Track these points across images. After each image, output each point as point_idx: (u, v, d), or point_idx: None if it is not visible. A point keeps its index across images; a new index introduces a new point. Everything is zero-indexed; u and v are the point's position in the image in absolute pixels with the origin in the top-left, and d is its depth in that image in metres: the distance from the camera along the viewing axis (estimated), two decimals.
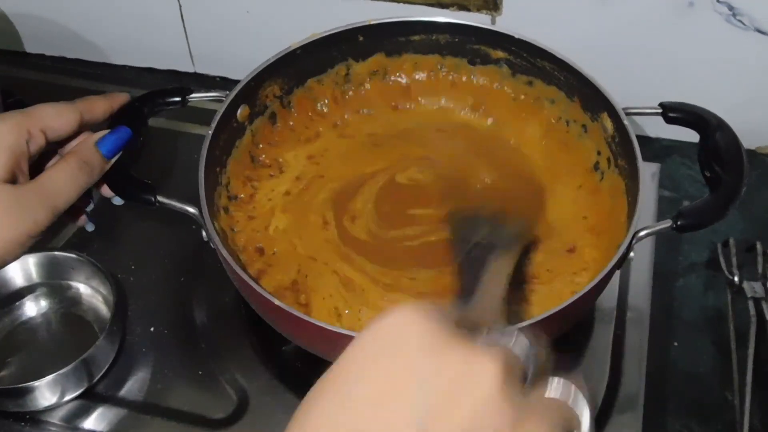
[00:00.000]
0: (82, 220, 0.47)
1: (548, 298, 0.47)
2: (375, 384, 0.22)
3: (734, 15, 0.55)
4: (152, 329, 0.53)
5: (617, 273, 0.47)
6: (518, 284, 0.48)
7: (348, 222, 0.51)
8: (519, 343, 0.24)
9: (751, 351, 0.49)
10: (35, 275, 0.53)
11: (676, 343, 0.53)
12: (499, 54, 0.56)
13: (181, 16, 0.66)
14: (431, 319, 0.23)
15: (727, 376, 0.50)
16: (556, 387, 0.24)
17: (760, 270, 0.54)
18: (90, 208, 0.47)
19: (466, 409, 0.21)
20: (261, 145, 0.55)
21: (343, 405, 0.22)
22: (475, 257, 0.40)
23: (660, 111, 0.50)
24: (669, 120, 0.50)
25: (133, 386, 0.50)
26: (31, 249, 0.42)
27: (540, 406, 0.23)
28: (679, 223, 0.44)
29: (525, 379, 0.24)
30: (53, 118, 0.42)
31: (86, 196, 0.44)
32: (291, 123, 0.57)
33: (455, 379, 0.22)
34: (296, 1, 0.62)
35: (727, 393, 0.50)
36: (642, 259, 0.55)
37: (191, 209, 0.46)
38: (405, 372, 0.22)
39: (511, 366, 0.23)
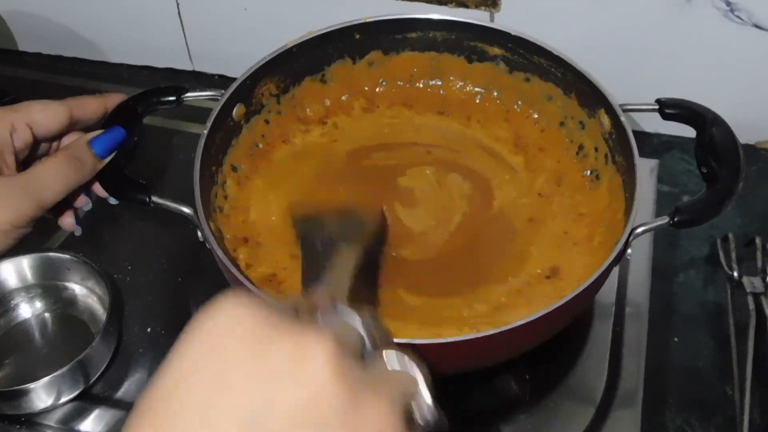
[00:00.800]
0: (69, 224, 0.46)
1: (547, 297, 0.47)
2: (199, 393, 0.21)
3: (732, 10, 0.55)
4: (149, 330, 0.53)
5: (615, 269, 0.47)
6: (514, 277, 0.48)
7: None
8: (352, 319, 0.24)
9: (750, 346, 0.49)
10: (30, 276, 0.53)
11: (675, 339, 0.52)
12: (496, 51, 0.56)
13: (179, 14, 0.65)
14: (253, 310, 0.22)
15: (726, 371, 0.50)
16: (392, 359, 0.24)
17: (759, 265, 0.54)
18: (89, 207, 0.46)
19: (299, 396, 0.20)
20: (260, 145, 0.55)
21: (171, 425, 0.21)
22: (319, 250, 0.41)
23: (657, 107, 0.50)
24: (666, 116, 0.50)
25: (130, 387, 0.50)
26: (24, 250, 0.41)
27: (380, 379, 0.23)
28: (676, 219, 0.44)
29: (363, 354, 0.24)
30: (39, 113, 0.42)
31: (82, 196, 0.44)
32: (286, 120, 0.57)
33: (284, 367, 0.21)
34: None
35: (727, 388, 0.49)
36: (641, 254, 0.54)
37: (186, 209, 0.45)
38: (229, 371, 0.21)
39: (344, 344, 0.22)
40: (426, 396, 0.24)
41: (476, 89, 0.58)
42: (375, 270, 0.47)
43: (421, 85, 0.59)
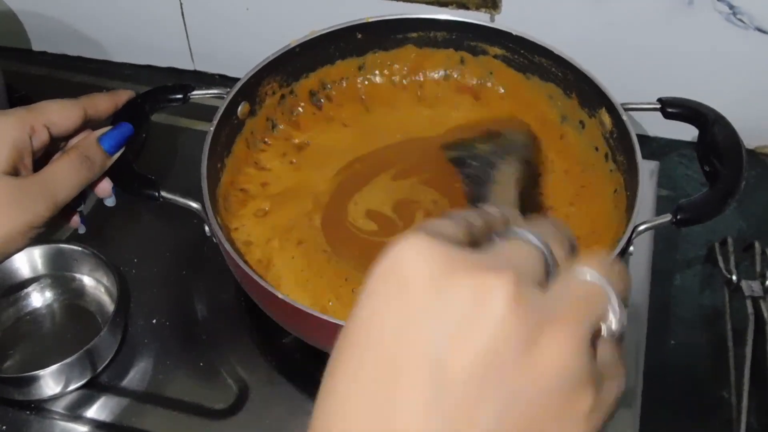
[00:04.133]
0: (75, 222, 0.47)
1: None
2: (388, 338, 0.21)
3: (734, 14, 0.55)
4: (154, 321, 0.54)
5: None
6: None
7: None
8: (531, 238, 0.22)
9: (748, 350, 0.49)
10: (41, 266, 0.54)
11: (673, 342, 0.53)
12: (497, 51, 0.56)
13: (182, 13, 0.66)
14: (434, 244, 0.21)
15: (724, 375, 0.50)
16: (580, 274, 0.22)
17: (758, 269, 0.54)
18: (81, 208, 0.47)
19: (482, 335, 0.20)
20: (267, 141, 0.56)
21: (361, 364, 0.21)
22: (478, 172, 0.40)
23: (658, 106, 0.50)
24: (667, 115, 0.50)
25: (135, 376, 0.51)
26: (36, 241, 0.42)
27: (566, 302, 0.21)
28: (678, 217, 0.44)
29: (548, 274, 0.22)
30: (56, 113, 0.43)
31: (78, 196, 0.45)
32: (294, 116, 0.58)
33: (466, 306, 0.20)
34: None
35: (724, 392, 0.50)
36: (640, 255, 0.55)
37: (194, 204, 0.46)
38: (414, 311, 0.21)
39: (524, 272, 0.21)
40: (617, 307, 0.22)
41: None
42: (535, 181, 0.47)
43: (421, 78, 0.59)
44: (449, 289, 0.21)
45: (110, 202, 0.47)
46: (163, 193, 0.46)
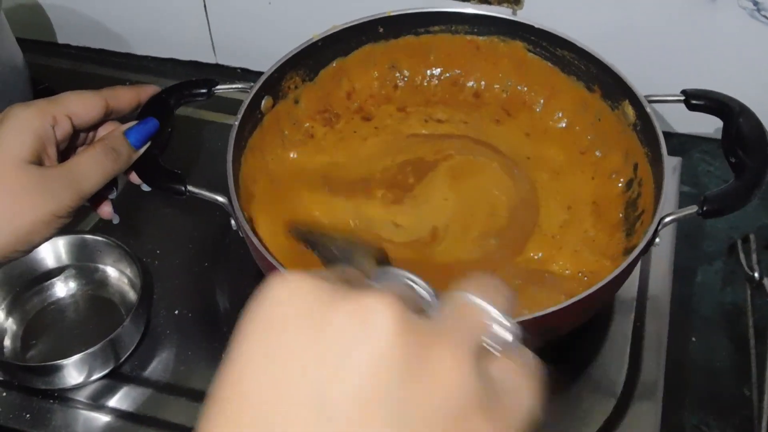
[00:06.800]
0: (108, 213, 0.47)
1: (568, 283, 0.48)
2: (266, 379, 0.20)
3: (759, 10, 0.55)
4: (176, 312, 0.54)
5: (638, 265, 0.47)
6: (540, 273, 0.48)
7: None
8: (405, 276, 0.23)
9: None
10: (65, 257, 0.55)
11: (693, 339, 0.53)
12: (519, 44, 0.56)
13: (205, 7, 0.67)
14: (308, 280, 0.21)
15: (744, 372, 0.50)
16: (455, 300, 0.22)
17: None
18: (113, 195, 0.47)
19: (364, 358, 0.19)
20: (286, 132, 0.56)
21: (237, 424, 0.20)
22: (336, 254, 0.40)
23: (682, 98, 0.49)
24: (691, 107, 0.49)
25: (157, 367, 0.51)
26: (60, 231, 0.43)
27: (446, 325, 0.21)
28: (705, 208, 0.44)
29: (425, 307, 0.22)
30: (78, 104, 0.43)
31: (110, 185, 0.45)
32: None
33: (348, 331, 0.20)
34: None
35: (745, 389, 0.49)
36: (663, 251, 0.55)
37: (221, 198, 0.46)
38: (291, 351, 0.20)
39: (405, 299, 0.21)
40: (498, 318, 0.22)
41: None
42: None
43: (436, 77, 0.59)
44: (328, 318, 0.20)
45: (146, 186, 0.47)
46: (190, 188, 0.47)
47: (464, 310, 0.22)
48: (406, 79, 0.59)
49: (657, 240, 0.45)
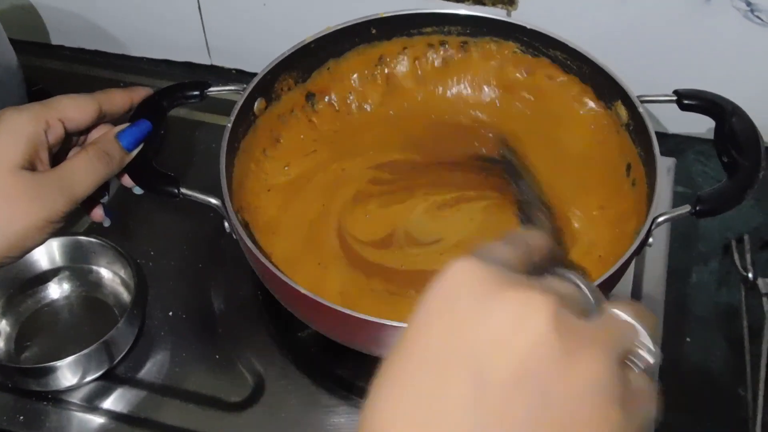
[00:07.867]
0: (100, 216, 0.47)
1: None
2: (435, 351, 0.23)
3: (752, 11, 0.55)
4: (171, 314, 0.54)
5: (631, 266, 0.47)
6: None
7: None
8: (574, 277, 0.25)
9: (764, 347, 0.49)
10: (59, 258, 0.54)
11: (688, 339, 0.53)
12: (511, 45, 0.56)
13: (199, 8, 0.67)
14: (483, 267, 0.24)
15: (739, 372, 0.50)
16: (615, 312, 0.25)
17: None
18: (105, 199, 0.47)
19: (522, 344, 0.22)
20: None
21: (414, 365, 0.23)
22: (529, 198, 0.45)
23: (675, 98, 0.50)
24: (684, 107, 0.49)
25: (151, 369, 0.51)
26: (55, 234, 0.42)
27: (600, 332, 0.24)
28: (698, 208, 0.44)
29: (585, 311, 0.25)
30: (71, 108, 0.43)
31: (102, 188, 0.45)
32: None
33: (510, 317, 0.22)
34: None
35: (740, 389, 0.50)
36: (657, 252, 0.55)
37: (214, 200, 0.46)
38: (459, 322, 0.23)
39: (567, 299, 0.23)
40: (647, 342, 0.24)
41: None
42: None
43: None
44: (495, 302, 0.23)
45: (138, 190, 0.47)
46: (183, 190, 0.46)
47: (620, 325, 0.25)
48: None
49: (651, 240, 0.45)
